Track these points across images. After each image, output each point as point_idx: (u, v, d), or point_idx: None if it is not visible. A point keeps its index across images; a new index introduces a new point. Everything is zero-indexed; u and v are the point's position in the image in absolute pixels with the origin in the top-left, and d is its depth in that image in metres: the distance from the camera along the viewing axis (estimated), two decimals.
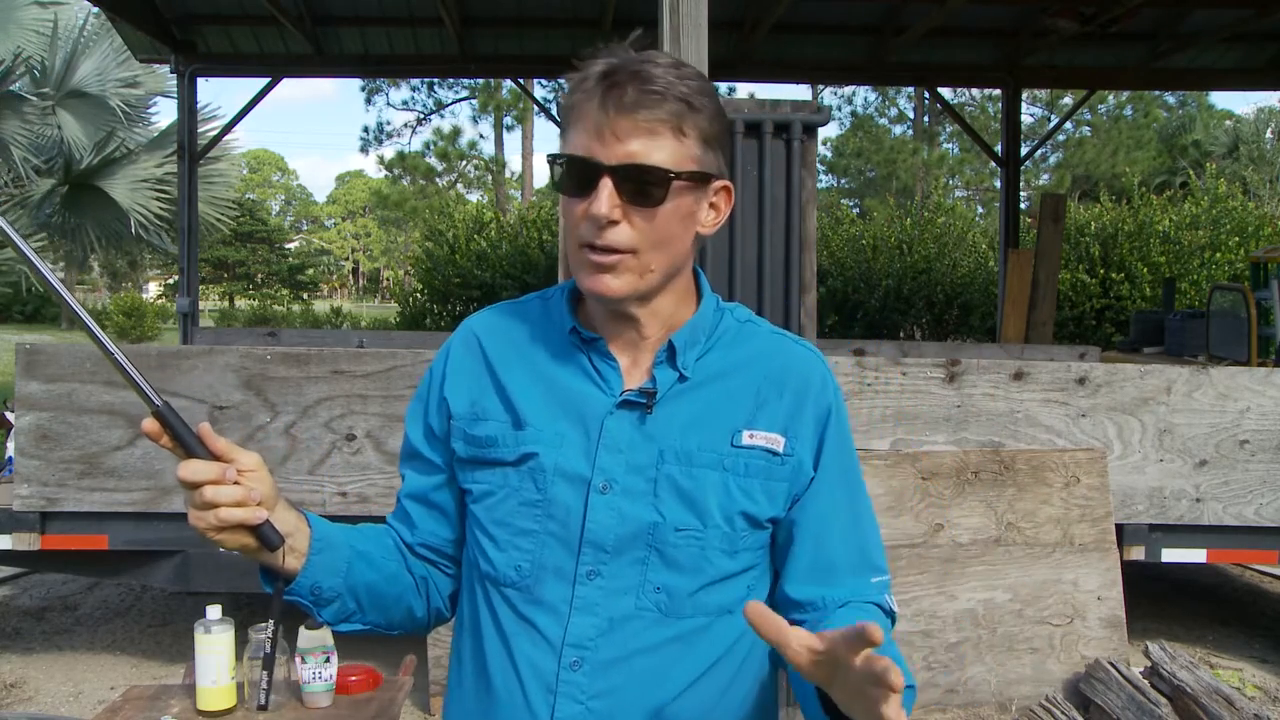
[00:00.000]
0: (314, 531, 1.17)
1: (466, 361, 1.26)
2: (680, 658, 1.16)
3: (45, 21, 11.32)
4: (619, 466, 1.16)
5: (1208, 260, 13.39)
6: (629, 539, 1.15)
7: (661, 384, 1.18)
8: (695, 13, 3.58)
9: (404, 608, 1.29)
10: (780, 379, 1.21)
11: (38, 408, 4.12)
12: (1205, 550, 4.45)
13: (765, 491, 1.18)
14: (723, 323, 1.24)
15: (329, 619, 1.23)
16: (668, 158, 1.11)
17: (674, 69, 1.14)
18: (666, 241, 1.15)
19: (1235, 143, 28.15)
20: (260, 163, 54.92)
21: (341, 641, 2.45)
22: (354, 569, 1.21)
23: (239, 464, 1.09)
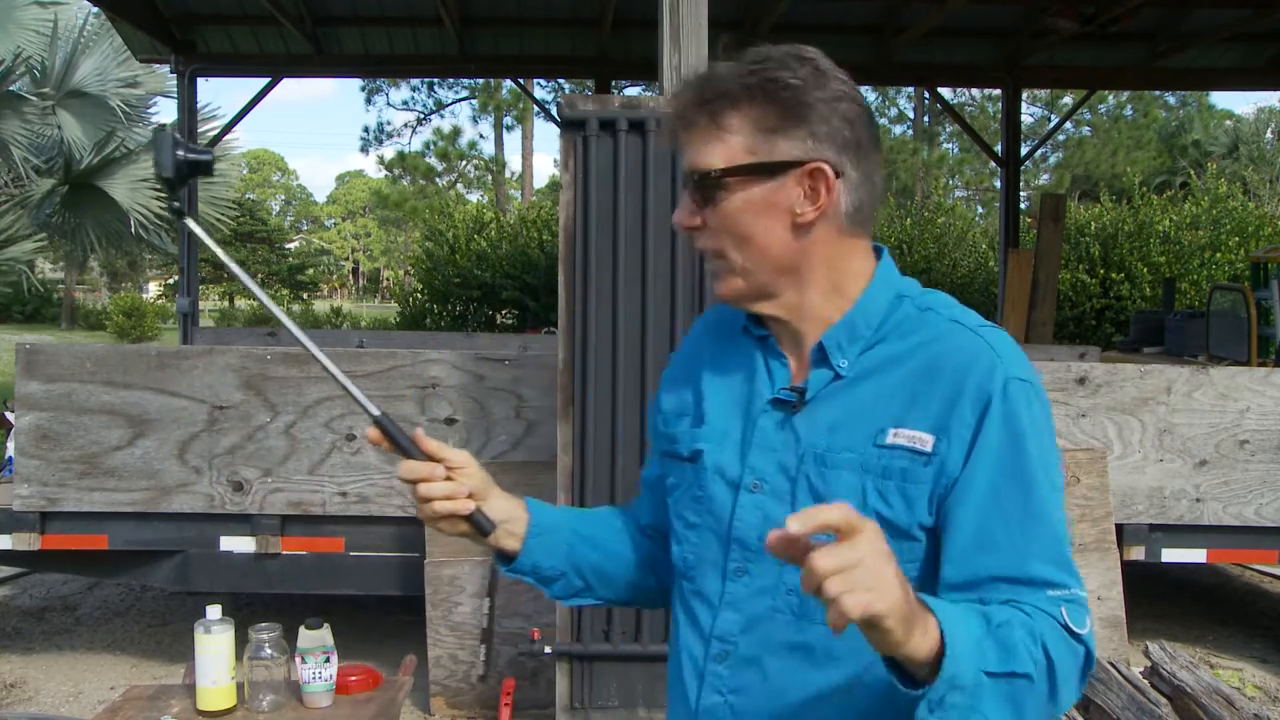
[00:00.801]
0: (532, 518, 1.28)
1: (687, 354, 1.31)
2: (811, 665, 1.13)
3: (45, 21, 11.31)
4: (770, 466, 1.16)
5: (1208, 260, 13.39)
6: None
7: (814, 384, 1.15)
8: (695, 13, 3.58)
9: (633, 584, 1.36)
10: (936, 369, 1.11)
11: (38, 408, 4.12)
12: (1205, 550, 4.45)
13: (901, 494, 1.09)
14: (899, 312, 1.16)
15: (558, 595, 1.33)
16: (720, 156, 1.11)
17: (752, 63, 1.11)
18: (747, 239, 1.13)
19: (1235, 143, 28.16)
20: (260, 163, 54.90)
21: (341, 641, 2.45)
22: (576, 551, 1.31)
23: (449, 462, 1.20)
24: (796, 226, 1.12)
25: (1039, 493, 1.09)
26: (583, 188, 3.42)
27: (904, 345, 1.14)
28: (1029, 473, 1.09)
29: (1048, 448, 1.11)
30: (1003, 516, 1.07)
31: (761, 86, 1.10)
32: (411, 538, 4.20)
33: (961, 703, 0.92)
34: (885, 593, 0.86)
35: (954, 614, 0.94)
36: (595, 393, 3.40)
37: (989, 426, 1.08)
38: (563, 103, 3.51)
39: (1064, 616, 1.03)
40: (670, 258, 3.45)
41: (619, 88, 13.62)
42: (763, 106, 1.10)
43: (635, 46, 9.03)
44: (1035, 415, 1.10)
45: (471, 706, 3.96)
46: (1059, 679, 0.99)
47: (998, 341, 1.14)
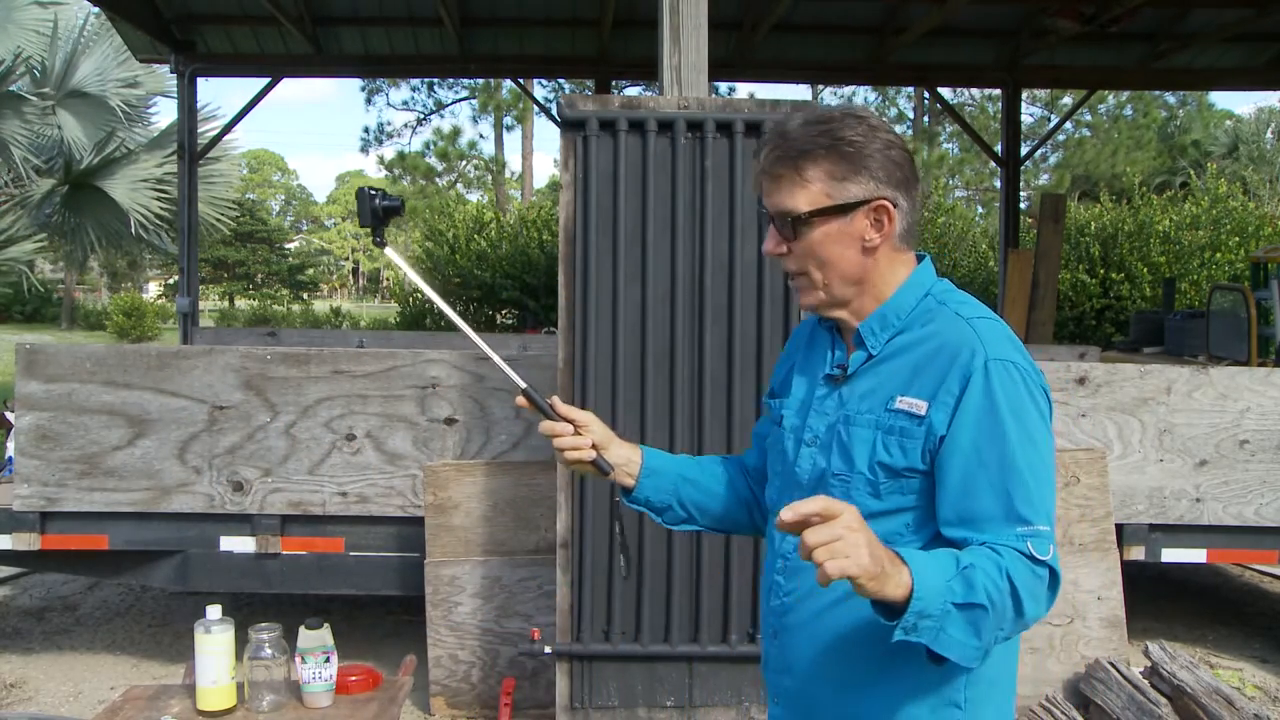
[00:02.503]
0: (645, 462, 1.68)
1: (795, 342, 1.69)
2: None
3: (45, 21, 11.30)
4: (821, 425, 1.52)
5: (1208, 260, 13.39)
6: (815, 481, 1.51)
7: (854, 362, 1.51)
8: (695, 13, 3.58)
9: (730, 519, 1.75)
10: (936, 351, 1.44)
11: (38, 408, 4.12)
12: (1205, 550, 4.44)
13: (900, 447, 1.42)
14: (922, 305, 1.49)
15: (668, 522, 1.72)
16: (801, 200, 1.44)
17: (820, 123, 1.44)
18: (830, 262, 1.47)
19: (1235, 143, 28.14)
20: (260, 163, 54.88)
21: (341, 642, 2.45)
22: (680, 490, 1.70)
23: (577, 421, 1.62)
24: (865, 250, 1.47)
25: (1014, 450, 1.38)
26: (583, 188, 3.42)
27: (920, 333, 1.47)
28: (1005, 433, 1.38)
29: (1026, 411, 1.40)
30: (983, 470, 1.38)
31: (831, 144, 1.43)
32: (411, 538, 4.20)
33: (931, 626, 1.24)
34: (857, 559, 1.16)
35: (924, 562, 1.25)
36: (595, 393, 3.40)
37: (969, 397, 1.39)
38: (563, 103, 3.51)
39: (1029, 548, 1.33)
40: (670, 258, 3.45)
41: (619, 88, 13.62)
42: (834, 160, 1.43)
43: (635, 46, 9.03)
44: (1013, 387, 1.40)
45: (471, 706, 3.96)
46: (1023, 599, 1.29)
47: (985, 330, 1.44)
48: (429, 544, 4.04)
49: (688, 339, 3.43)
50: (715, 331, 3.47)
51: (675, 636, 3.49)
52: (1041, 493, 1.39)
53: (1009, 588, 1.28)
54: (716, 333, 3.47)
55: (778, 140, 1.46)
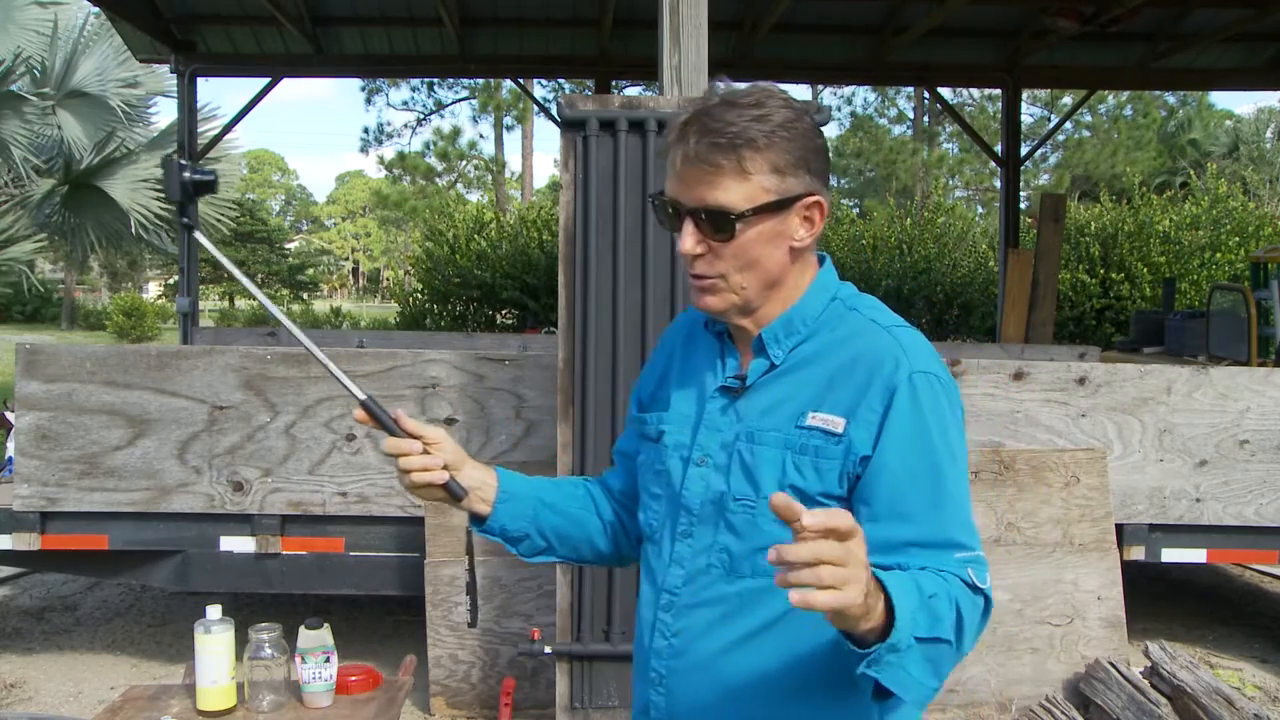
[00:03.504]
0: (501, 485, 1.48)
1: (667, 345, 1.53)
2: (738, 612, 1.32)
3: (45, 21, 11.30)
4: (714, 443, 1.35)
5: (1208, 260, 13.38)
6: (709, 505, 1.35)
7: (754, 372, 1.35)
8: (695, 13, 3.58)
9: (591, 547, 1.56)
10: (853, 363, 1.30)
11: (38, 408, 4.12)
12: (1205, 550, 4.45)
13: (815, 469, 1.28)
14: (829, 311, 1.36)
15: (523, 553, 1.52)
16: (735, 197, 1.26)
17: (753, 108, 1.26)
18: (753, 263, 1.30)
19: (1235, 143, 28.15)
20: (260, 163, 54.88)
21: (341, 642, 2.45)
22: (539, 515, 1.50)
23: (426, 438, 1.40)
24: (792, 250, 1.33)
25: (944, 470, 1.27)
26: (583, 188, 3.41)
27: (828, 339, 1.33)
28: (934, 453, 1.26)
29: (950, 428, 1.29)
30: (916, 491, 1.25)
31: (775, 132, 1.26)
32: (411, 538, 4.20)
33: (894, 661, 1.08)
34: (857, 592, 0.99)
35: (900, 590, 1.08)
36: (595, 393, 3.40)
37: (896, 415, 1.26)
38: (563, 103, 3.51)
39: (970, 576, 1.21)
40: (670, 258, 3.45)
41: (619, 88, 13.62)
42: (777, 151, 1.26)
43: (635, 46, 9.03)
44: (938, 402, 1.28)
45: (471, 706, 3.96)
46: (965, 630, 1.17)
47: (907, 339, 1.32)
48: (429, 544, 4.04)
49: None
50: None
51: None
52: (970, 514, 1.29)
53: (956, 618, 1.16)
54: None
55: (710, 125, 1.25)
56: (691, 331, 1.48)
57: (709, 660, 1.33)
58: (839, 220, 16.47)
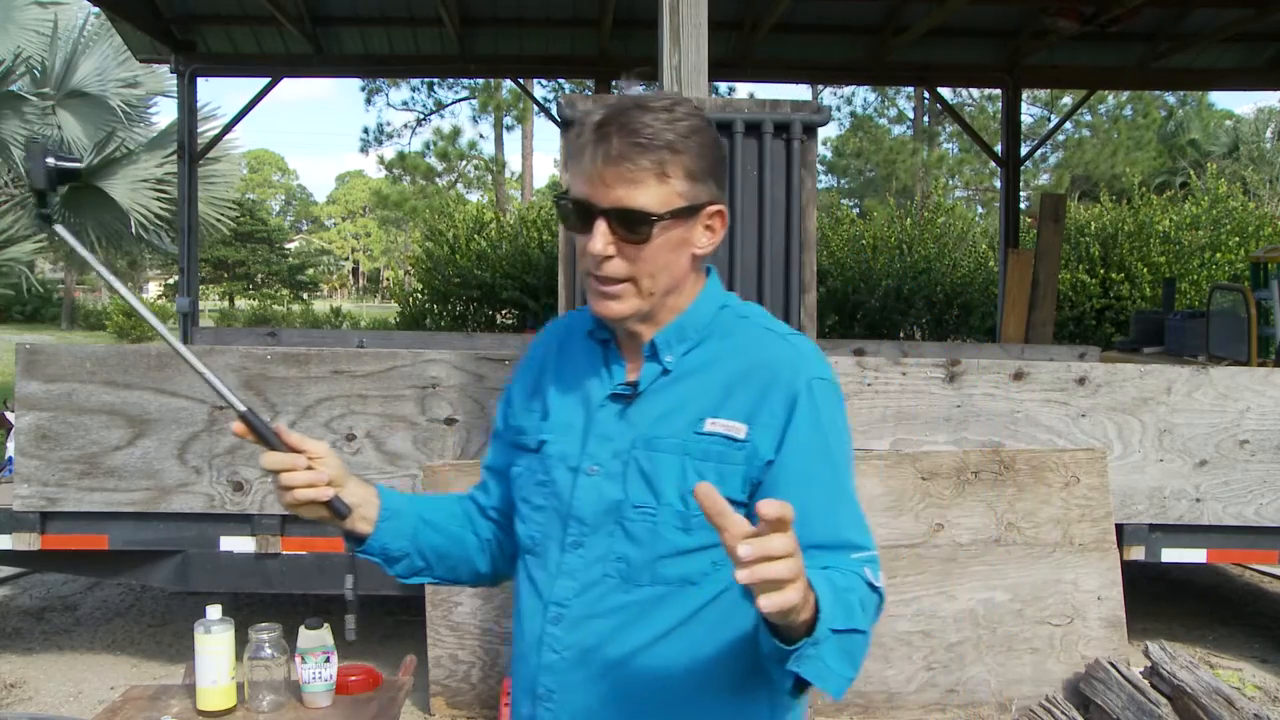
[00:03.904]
0: (383, 503, 1.42)
1: (536, 358, 1.49)
2: (637, 620, 1.30)
3: (45, 21, 11.30)
4: (605, 452, 1.33)
5: (1208, 260, 13.38)
6: (603, 514, 1.32)
7: (645, 378, 1.34)
8: (695, 13, 3.58)
9: (468, 566, 1.51)
10: (751, 371, 1.31)
11: (38, 408, 4.12)
12: (1205, 550, 4.45)
13: (718, 475, 1.27)
14: (719, 318, 1.37)
15: (400, 574, 1.46)
16: (652, 200, 1.26)
17: (666, 112, 1.27)
18: (661, 269, 1.30)
19: (1235, 143, 28.14)
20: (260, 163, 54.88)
21: (341, 641, 2.45)
22: (420, 534, 1.45)
23: (309, 453, 1.34)
24: (693, 258, 1.34)
25: (841, 473, 1.31)
26: None
27: (722, 347, 1.34)
28: (833, 457, 1.30)
29: (843, 431, 1.34)
30: (815, 495, 1.26)
31: (689, 138, 1.27)
32: None
33: (813, 654, 1.09)
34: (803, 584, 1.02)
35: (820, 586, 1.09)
36: None
37: (798, 420, 1.28)
38: (563, 103, 3.51)
39: (867, 575, 1.22)
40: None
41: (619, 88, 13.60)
42: (691, 157, 1.27)
43: (635, 46, 9.03)
44: (835, 409, 1.33)
45: (471, 706, 3.96)
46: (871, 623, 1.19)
47: (804, 347, 1.35)
48: None
49: None
50: None
51: None
52: (862, 514, 1.31)
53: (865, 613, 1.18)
54: None
55: (631, 126, 1.25)
56: (564, 341, 1.46)
57: (604, 673, 1.30)
58: (839, 220, 16.48)
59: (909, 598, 3.96)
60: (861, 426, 4.18)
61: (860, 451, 4.12)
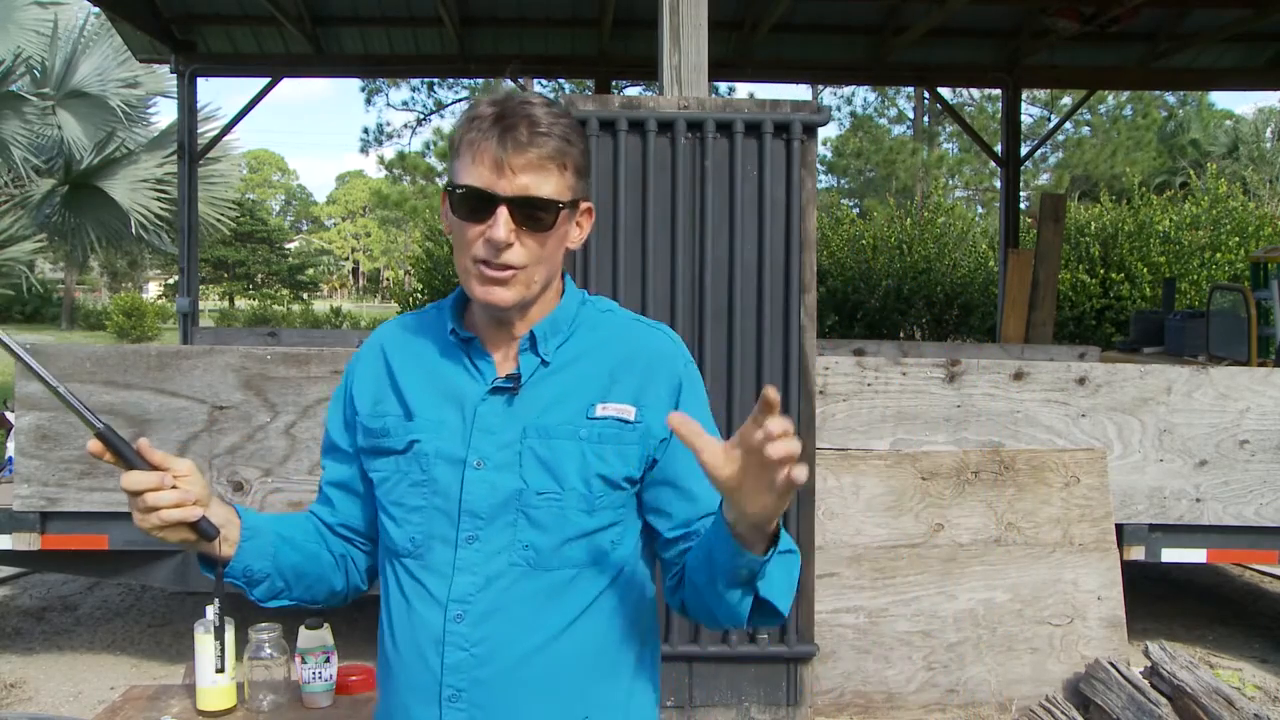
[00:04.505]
0: (243, 521, 1.36)
1: (372, 366, 1.46)
2: (549, 605, 1.33)
3: (45, 21, 11.31)
4: (490, 445, 1.34)
5: (1208, 260, 13.37)
6: (500, 506, 1.33)
7: (525, 369, 1.37)
8: (695, 13, 3.58)
9: (325, 584, 1.47)
10: (631, 358, 1.38)
11: (38, 408, 4.12)
12: (1205, 550, 4.45)
13: (619, 455, 1.35)
14: (583, 313, 1.43)
15: (260, 597, 1.40)
16: (554, 189, 1.31)
17: (551, 110, 1.32)
18: (548, 257, 1.35)
19: (1235, 143, 28.14)
20: (260, 163, 54.89)
21: (341, 641, 2.45)
22: (280, 552, 1.39)
23: (174, 471, 1.26)
24: (567, 252, 1.40)
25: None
26: None
27: (594, 338, 1.40)
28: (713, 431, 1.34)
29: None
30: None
31: (576, 135, 1.34)
32: None
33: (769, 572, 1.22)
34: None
35: None
36: None
37: (684, 399, 1.38)
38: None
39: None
40: (670, 258, 3.45)
41: (619, 88, 13.62)
42: (580, 153, 1.34)
43: (635, 46, 9.03)
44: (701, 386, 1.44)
45: None
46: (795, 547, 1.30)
47: (674, 335, 1.46)
48: None
49: (687, 339, 3.43)
50: (715, 331, 3.47)
51: (675, 637, 3.49)
52: None
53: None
54: (716, 332, 3.47)
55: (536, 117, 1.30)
56: (404, 344, 1.45)
57: (521, 661, 1.32)
58: (839, 220, 16.47)
59: (909, 598, 3.96)
60: (861, 426, 4.18)
61: (860, 451, 4.12)
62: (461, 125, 1.33)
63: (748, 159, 3.49)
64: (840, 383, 4.18)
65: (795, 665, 3.58)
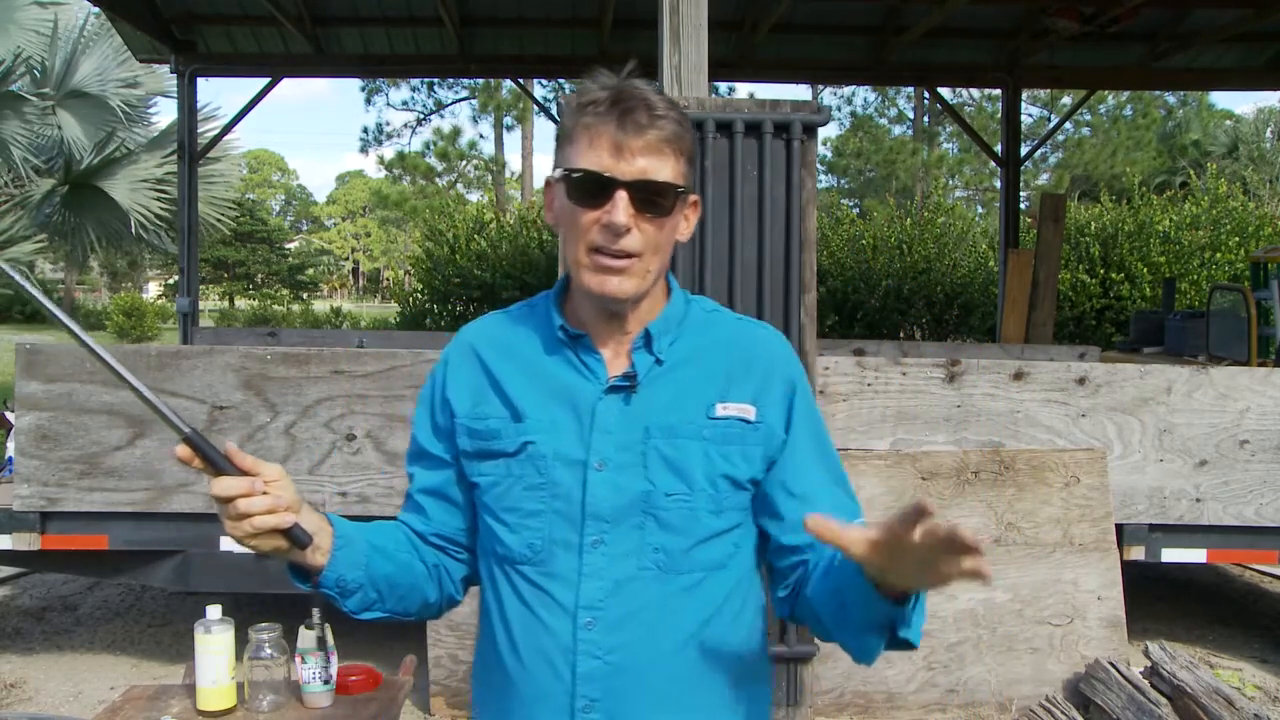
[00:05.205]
0: (336, 529, 1.30)
1: (464, 367, 1.41)
2: (680, 609, 1.31)
3: (45, 21, 11.31)
4: (610, 446, 1.30)
5: (1208, 260, 13.38)
6: (625, 508, 1.30)
7: (640, 368, 1.33)
8: (695, 13, 3.58)
9: (418, 595, 1.41)
10: (747, 358, 1.37)
11: (38, 408, 4.11)
12: (1205, 550, 4.44)
13: (743, 455, 1.33)
14: (690, 313, 1.40)
15: (353, 608, 1.35)
16: (671, 174, 1.29)
17: (663, 96, 1.30)
18: (663, 247, 1.32)
19: (1235, 143, 28.15)
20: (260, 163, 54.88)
21: (341, 641, 2.45)
22: (373, 562, 1.33)
23: (264, 476, 1.21)
24: (677, 243, 1.38)
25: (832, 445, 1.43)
26: None
27: (707, 338, 1.38)
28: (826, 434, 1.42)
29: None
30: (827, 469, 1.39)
31: (687, 124, 1.32)
32: None
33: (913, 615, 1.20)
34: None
35: None
36: None
37: (799, 402, 1.38)
38: (563, 103, 3.51)
39: None
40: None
41: None
42: (690, 142, 1.32)
43: (635, 46, 9.02)
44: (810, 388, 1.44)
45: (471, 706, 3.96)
46: None
47: (781, 335, 1.45)
48: None
49: None
50: None
51: None
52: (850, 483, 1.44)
53: None
54: None
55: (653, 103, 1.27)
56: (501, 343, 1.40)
57: (656, 667, 1.28)
58: (839, 220, 16.47)
59: None
60: (861, 426, 4.18)
61: (860, 451, 4.12)
62: (571, 111, 1.31)
63: (748, 159, 3.49)
64: (840, 383, 4.18)
65: (795, 665, 3.58)
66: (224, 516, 1.20)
